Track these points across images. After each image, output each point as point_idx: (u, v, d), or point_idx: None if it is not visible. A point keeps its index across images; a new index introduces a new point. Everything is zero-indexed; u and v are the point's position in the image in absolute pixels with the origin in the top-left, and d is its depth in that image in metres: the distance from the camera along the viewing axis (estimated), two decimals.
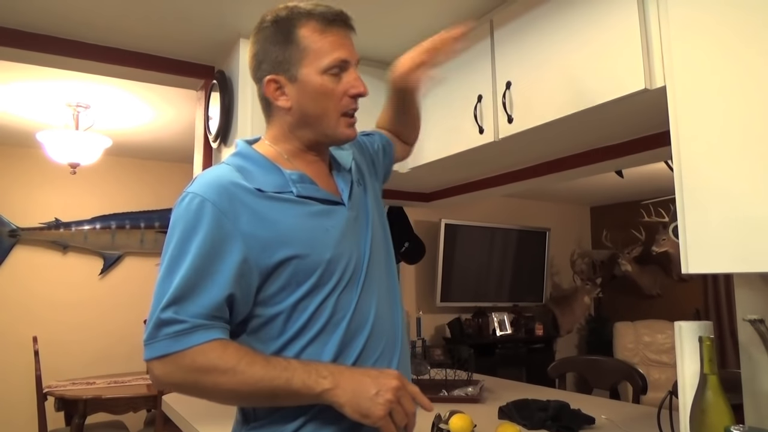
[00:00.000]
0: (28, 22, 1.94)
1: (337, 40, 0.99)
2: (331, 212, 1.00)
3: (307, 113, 1.00)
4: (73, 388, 3.17)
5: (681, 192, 1.19)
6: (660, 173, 4.08)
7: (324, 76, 0.98)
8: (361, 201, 1.09)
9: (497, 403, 1.78)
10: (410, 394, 0.90)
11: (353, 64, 1.01)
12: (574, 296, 5.38)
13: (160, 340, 0.85)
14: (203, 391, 0.88)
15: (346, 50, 1.00)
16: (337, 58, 0.98)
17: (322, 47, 0.98)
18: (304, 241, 0.94)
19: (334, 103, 0.99)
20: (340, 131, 1.02)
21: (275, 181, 0.97)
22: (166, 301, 0.86)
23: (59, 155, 3.27)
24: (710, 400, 1.05)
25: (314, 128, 1.02)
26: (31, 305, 4.04)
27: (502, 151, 1.90)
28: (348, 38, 1.02)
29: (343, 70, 1.00)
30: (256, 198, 0.93)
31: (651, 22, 1.30)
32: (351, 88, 1.00)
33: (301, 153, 1.04)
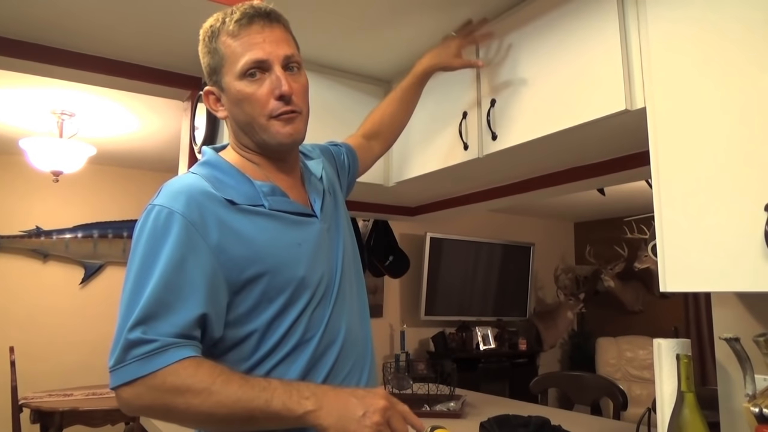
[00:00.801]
0: (14, 30, 1.93)
1: (250, 41, 0.92)
2: (303, 225, 0.98)
3: (238, 121, 0.97)
4: (50, 399, 3.11)
5: (659, 211, 1.21)
6: (642, 191, 4.14)
7: (242, 81, 0.93)
8: (332, 211, 1.08)
9: (479, 419, 1.78)
10: (400, 414, 0.85)
11: (275, 62, 0.93)
12: (557, 311, 5.41)
13: (129, 363, 0.79)
14: (175, 415, 0.81)
15: (260, 49, 0.92)
16: (248, 60, 0.92)
17: (235, 51, 0.93)
18: (276, 257, 0.91)
19: (259, 108, 0.93)
20: (272, 133, 0.95)
21: (246, 192, 0.93)
22: (133, 320, 0.80)
23: (42, 163, 3.24)
24: (687, 417, 1.06)
25: (250, 135, 0.97)
26: (8, 314, 3.97)
27: (486, 167, 1.91)
28: (269, 34, 0.93)
29: (265, 70, 0.93)
30: (227, 210, 0.89)
31: (632, 43, 1.33)
32: (274, 89, 0.92)
33: (262, 160, 1.00)
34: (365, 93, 2.23)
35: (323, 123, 2.14)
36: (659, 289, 1.19)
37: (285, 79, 0.93)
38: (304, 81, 0.99)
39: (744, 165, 1.07)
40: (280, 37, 0.95)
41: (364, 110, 2.22)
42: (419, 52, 2.01)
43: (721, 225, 1.10)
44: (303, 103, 0.98)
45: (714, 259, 1.10)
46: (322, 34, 1.91)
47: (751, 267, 1.04)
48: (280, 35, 0.95)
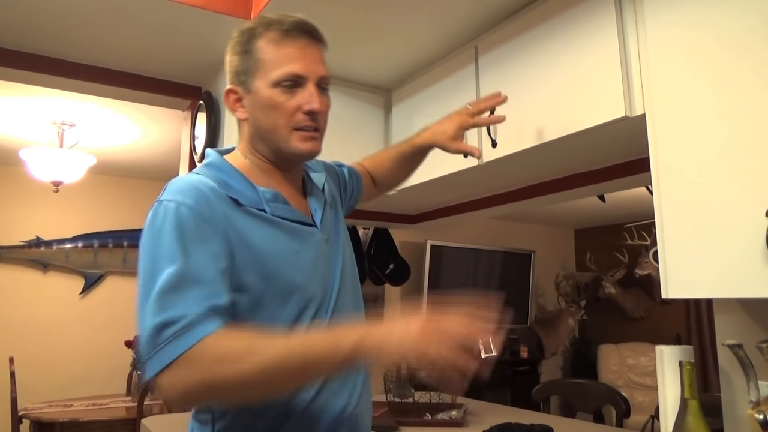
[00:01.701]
0: (14, 41, 1.94)
1: (293, 53, 0.94)
2: (303, 234, 0.98)
3: (260, 126, 0.97)
4: (50, 410, 3.10)
5: (660, 218, 1.21)
6: (642, 197, 4.14)
7: (274, 89, 0.93)
8: (332, 223, 1.08)
9: (481, 427, 1.77)
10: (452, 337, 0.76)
11: (311, 80, 0.95)
12: (558, 318, 5.40)
13: (162, 347, 0.75)
14: (224, 388, 0.76)
15: (301, 64, 0.94)
16: (288, 72, 0.93)
17: (275, 59, 0.94)
18: (274, 263, 0.91)
19: (285, 118, 0.94)
20: (292, 145, 0.96)
21: (249, 196, 0.94)
22: (155, 307, 0.77)
23: (42, 173, 3.25)
24: (691, 424, 1.05)
25: (268, 142, 0.98)
26: (8, 325, 3.96)
27: (486, 174, 1.91)
28: (310, 51, 0.96)
29: (298, 85, 0.94)
30: (233, 209, 0.90)
31: (631, 51, 1.33)
32: (305, 104, 0.94)
33: (269, 167, 1.01)
34: (366, 102, 2.24)
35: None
36: (660, 296, 1.19)
37: (318, 96, 0.95)
38: (329, 102, 1.01)
39: (744, 170, 1.07)
40: (318, 56, 0.98)
41: (365, 119, 2.23)
42: (419, 60, 2.03)
43: (722, 231, 1.10)
44: (324, 122, 1.00)
45: (715, 265, 1.10)
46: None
47: (752, 273, 1.03)
48: (319, 55, 0.98)
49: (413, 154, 1.42)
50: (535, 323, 5.53)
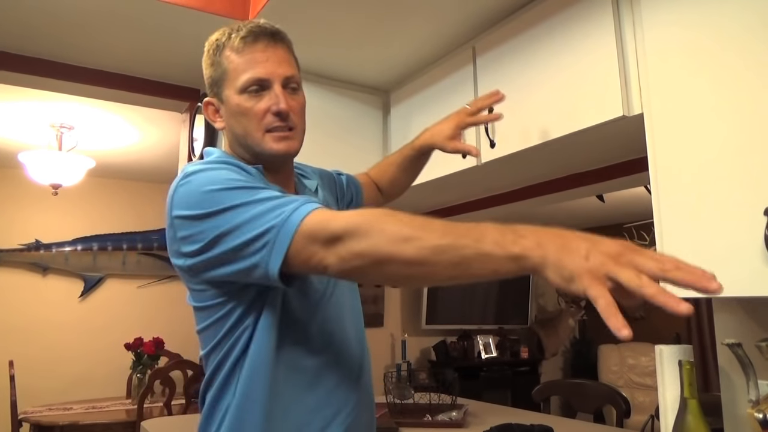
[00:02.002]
0: (13, 45, 1.94)
1: (254, 59, 0.96)
2: None
3: (235, 133, 0.99)
4: (50, 413, 3.09)
5: (659, 217, 1.21)
6: (642, 197, 4.14)
7: (242, 95, 0.96)
8: None
9: (481, 428, 1.77)
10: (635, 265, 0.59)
11: (276, 81, 0.96)
12: (558, 319, 5.40)
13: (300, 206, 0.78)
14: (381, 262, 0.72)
15: (262, 68, 0.95)
16: (250, 77, 0.95)
17: (238, 67, 0.96)
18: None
19: (255, 122, 0.96)
20: (267, 147, 0.97)
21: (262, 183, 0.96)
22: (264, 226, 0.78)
23: (41, 176, 3.25)
24: (690, 424, 1.05)
25: (245, 147, 1.00)
26: (8, 328, 3.96)
27: (485, 175, 1.91)
28: (271, 53, 0.97)
29: (264, 88, 0.96)
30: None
31: (628, 50, 1.33)
32: (272, 105, 0.95)
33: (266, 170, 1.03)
34: (364, 103, 2.24)
35: (324, 132, 2.15)
36: None
37: (283, 96, 0.96)
38: (301, 100, 1.02)
39: (743, 169, 1.07)
40: (282, 57, 0.98)
41: (363, 120, 2.23)
42: (417, 61, 2.03)
43: (720, 230, 1.10)
44: (299, 120, 1.00)
45: (714, 264, 1.10)
46: (321, 45, 1.91)
47: (751, 272, 1.03)
48: (283, 56, 0.98)
49: (415, 157, 1.43)
50: (536, 324, 5.53)
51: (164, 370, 3.01)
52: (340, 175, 1.35)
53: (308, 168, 1.23)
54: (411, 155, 1.42)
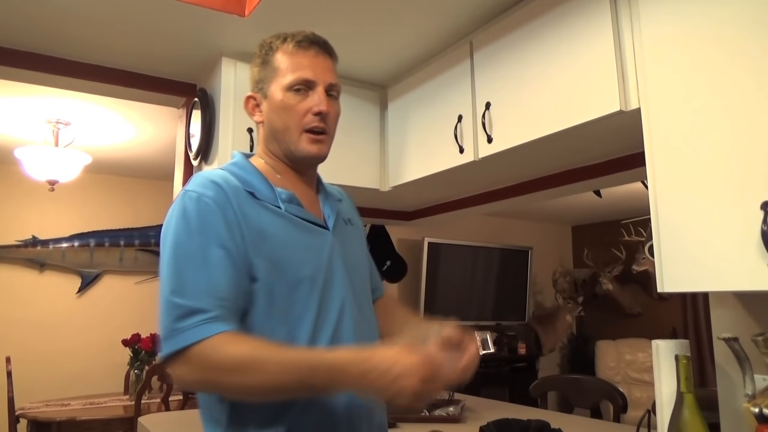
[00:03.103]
0: (9, 39, 1.93)
1: (304, 62, 1.03)
2: (316, 233, 1.03)
3: (273, 127, 1.06)
4: (47, 409, 3.09)
5: (656, 212, 1.21)
6: (639, 193, 4.14)
7: (287, 92, 1.03)
8: (346, 235, 1.11)
9: (478, 423, 1.77)
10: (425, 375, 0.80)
11: (320, 84, 1.04)
12: (556, 315, 5.40)
13: (179, 333, 0.85)
14: (224, 391, 0.89)
15: (312, 71, 1.03)
16: (299, 77, 1.02)
17: (289, 66, 1.03)
18: (285, 251, 0.96)
19: (296, 119, 1.03)
20: (302, 146, 1.04)
21: (266, 193, 1.01)
22: (175, 299, 0.87)
23: (37, 172, 3.24)
24: (687, 418, 1.05)
25: (280, 142, 1.06)
26: (5, 325, 3.95)
27: (482, 170, 1.91)
28: (319, 60, 1.05)
29: (310, 88, 1.03)
30: (249, 201, 0.97)
31: (625, 44, 1.33)
32: (314, 105, 1.02)
33: (284, 168, 1.08)
34: (361, 98, 2.24)
35: None
36: (657, 291, 1.19)
37: (325, 99, 1.04)
38: (338, 109, 1.10)
39: (740, 164, 1.07)
40: (328, 66, 1.07)
41: (361, 115, 2.23)
42: (414, 56, 2.02)
43: (717, 224, 1.10)
44: (332, 126, 1.07)
45: (711, 259, 1.10)
46: None
47: (748, 266, 1.04)
48: (329, 65, 1.08)
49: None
50: (533, 320, 5.53)
51: (162, 366, 3.01)
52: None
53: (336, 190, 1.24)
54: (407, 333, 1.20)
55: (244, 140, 1.98)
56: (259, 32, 1.89)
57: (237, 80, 2.01)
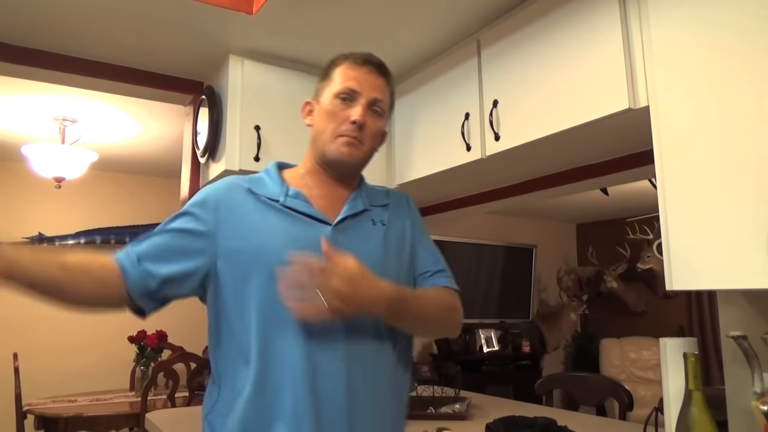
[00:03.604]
0: (16, 36, 1.94)
1: (356, 76, 1.11)
2: (310, 225, 1.06)
3: (317, 129, 1.14)
4: (54, 405, 3.11)
5: (664, 210, 1.21)
6: (644, 191, 4.14)
7: (334, 99, 1.11)
8: (361, 233, 1.11)
9: (484, 420, 1.78)
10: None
11: (364, 97, 1.10)
12: (560, 313, 5.40)
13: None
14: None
15: (358, 83, 1.11)
16: (346, 86, 1.10)
17: (341, 77, 1.12)
18: (264, 238, 1.03)
19: (335, 124, 1.10)
20: (333, 148, 1.10)
21: (272, 190, 1.09)
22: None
23: (44, 169, 3.25)
24: (695, 416, 1.05)
25: (319, 144, 1.13)
26: (12, 321, 3.97)
27: (489, 168, 1.91)
28: (370, 77, 1.12)
29: (353, 99, 1.10)
30: (246, 196, 1.08)
31: (634, 42, 1.33)
32: (351, 115, 1.09)
33: (318, 172, 1.14)
34: None
35: None
36: (663, 289, 1.19)
37: (363, 111, 1.09)
38: (380, 125, 1.14)
39: (749, 162, 1.07)
40: (378, 84, 1.13)
41: None
42: (420, 54, 2.02)
43: (726, 222, 1.10)
44: (369, 139, 1.12)
45: (720, 257, 1.10)
46: (323, 38, 1.91)
47: (757, 264, 1.04)
48: (380, 84, 1.14)
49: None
50: (537, 318, 5.53)
51: (168, 362, 3.02)
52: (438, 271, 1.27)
53: (403, 197, 1.26)
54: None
55: (251, 138, 1.98)
56: (266, 30, 1.90)
57: (244, 78, 2.01)
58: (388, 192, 1.25)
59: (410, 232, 1.21)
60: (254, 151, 1.97)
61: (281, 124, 2.02)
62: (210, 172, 2.13)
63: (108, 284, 1.01)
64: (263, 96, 2.03)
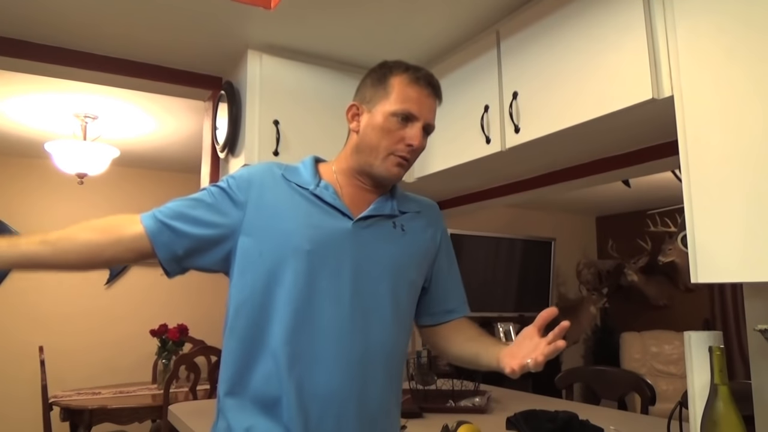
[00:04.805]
0: (38, 34, 1.96)
1: (415, 96, 1.11)
2: (333, 217, 1.09)
3: (366, 140, 1.13)
4: (79, 398, 3.17)
5: (689, 201, 1.19)
6: (666, 183, 4.07)
7: (391, 117, 1.10)
8: (381, 235, 1.12)
9: (505, 414, 1.77)
10: None
11: (420, 121, 1.11)
12: (580, 306, 5.35)
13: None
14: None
15: (418, 107, 1.11)
16: (406, 108, 1.10)
17: (400, 95, 1.10)
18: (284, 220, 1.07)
19: (389, 143, 1.10)
20: (386, 166, 1.11)
21: (305, 179, 1.12)
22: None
23: (67, 165, 3.30)
24: (721, 411, 1.04)
25: (365, 155, 1.12)
26: (37, 315, 4.05)
27: (508, 160, 1.90)
28: (428, 101, 1.12)
29: (410, 120, 1.10)
30: (278, 181, 1.11)
31: (658, 30, 1.31)
32: (410, 138, 1.10)
33: (352, 174, 1.15)
34: None
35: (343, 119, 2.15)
36: (685, 282, 1.18)
37: (420, 135, 1.11)
38: (425, 145, 1.15)
39: None
40: (434, 108, 1.15)
41: None
42: (439, 46, 2.01)
43: (753, 214, 1.07)
44: (415, 159, 1.15)
45: (746, 249, 1.08)
46: (340, 30, 1.91)
47: None
48: (434, 107, 1.15)
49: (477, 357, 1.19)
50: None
51: (189, 356, 3.06)
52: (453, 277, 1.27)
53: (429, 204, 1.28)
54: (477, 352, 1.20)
55: (270, 132, 1.99)
56: (284, 25, 1.90)
57: (263, 73, 2.02)
58: (421, 201, 1.26)
59: (438, 243, 1.24)
60: (273, 146, 1.98)
61: (300, 118, 2.02)
62: (230, 167, 2.14)
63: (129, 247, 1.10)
64: (282, 90, 2.04)
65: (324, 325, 1.04)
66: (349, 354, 1.05)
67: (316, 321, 1.04)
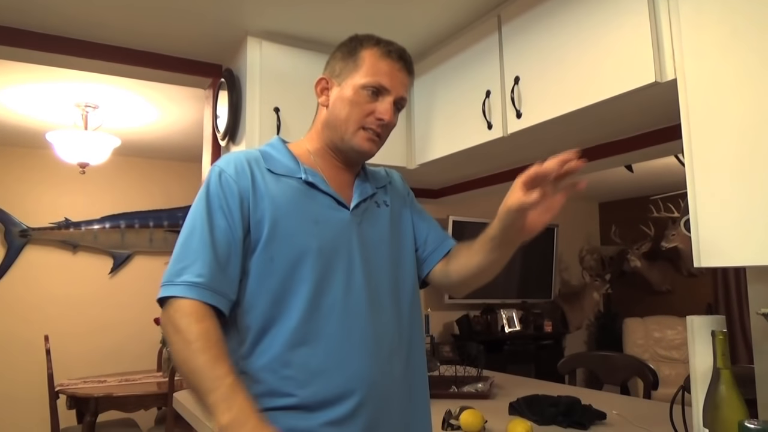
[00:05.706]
0: (38, 23, 1.95)
1: (386, 69, 1.08)
2: (330, 208, 1.06)
3: (335, 115, 1.10)
4: (85, 386, 3.19)
5: (692, 185, 1.18)
6: (669, 168, 4.05)
7: (361, 90, 1.07)
8: (372, 217, 1.12)
9: (507, 399, 1.78)
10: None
11: (392, 95, 1.08)
12: (582, 292, 5.36)
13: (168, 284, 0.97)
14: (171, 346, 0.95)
15: (389, 80, 1.08)
16: (377, 80, 1.07)
17: (371, 68, 1.08)
18: (288, 220, 1.01)
19: (359, 116, 1.07)
20: (356, 140, 1.08)
21: (288, 166, 1.08)
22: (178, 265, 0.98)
23: (69, 155, 3.29)
24: (724, 394, 1.04)
25: (334, 130, 1.10)
26: (42, 304, 4.07)
27: (510, 146, 1.89)
28: (399, 74, 1.10)
29: (381, 94, 1.08)
30: (264, 174, 1.05)
31: (661, 13, 1.29)
32: (380, 112, 1.07)
33: (327, 155, 1.12)
34: None
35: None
36: (688, 268, 1.17)
37: (391, 109, 1.09)
38: (396, 121, 1.13)
39: None
40: (406, 82, 1.12)
41: None
42: (440, 31, 1.99)
43: (757, 198, 1.07)
44: (386, 135, 1.12)
45: (750, 233, 1.07)
46: (339, 16, 1.89)
47: None
48: (406, 82, 1.13)
49: (489, 239, 1.21)
50: (559, 297, 5.49)
51: None
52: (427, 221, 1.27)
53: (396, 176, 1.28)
54: (486, 239, 1.21)
55: (271, 120, 1.98)
56: (283, 12, 1.88)
57: (262, 60, 2.01)
58: (386, 172, 1.27)
59: (409, 207, 1.24)
60: (274, 133, 1.97)
61: (300, 105, 2.01)
62: None
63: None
64: (282, 77, 2.03)
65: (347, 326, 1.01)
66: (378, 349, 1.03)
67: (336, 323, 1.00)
